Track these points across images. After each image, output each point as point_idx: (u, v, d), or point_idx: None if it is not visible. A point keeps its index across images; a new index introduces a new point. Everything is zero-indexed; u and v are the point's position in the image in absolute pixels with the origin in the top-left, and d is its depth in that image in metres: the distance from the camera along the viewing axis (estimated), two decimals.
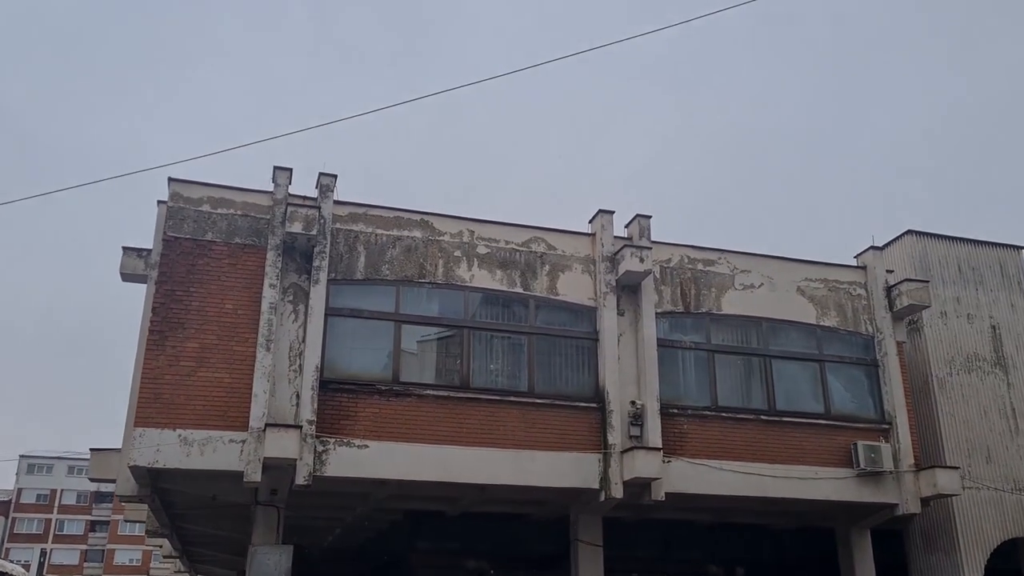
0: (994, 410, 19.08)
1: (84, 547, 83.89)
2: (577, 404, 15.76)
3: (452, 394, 15.23)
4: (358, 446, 14.34)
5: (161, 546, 30.30)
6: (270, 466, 13.74)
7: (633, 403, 15.75)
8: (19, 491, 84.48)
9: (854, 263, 18.73)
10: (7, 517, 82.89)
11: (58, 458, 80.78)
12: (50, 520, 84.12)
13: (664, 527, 18.82)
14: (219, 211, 15.05)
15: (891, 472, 16.78)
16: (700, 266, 17.33)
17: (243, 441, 13.72)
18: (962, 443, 18.58)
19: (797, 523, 18.95)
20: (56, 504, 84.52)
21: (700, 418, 16.37)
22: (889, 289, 18.11)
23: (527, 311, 16.26)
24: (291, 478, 13.96)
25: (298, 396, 14.33)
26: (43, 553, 60.25)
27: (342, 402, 14.61)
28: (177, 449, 13.53)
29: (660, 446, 15.43)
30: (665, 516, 17.97)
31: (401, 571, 19.14)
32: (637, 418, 15.68)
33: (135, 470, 13.80)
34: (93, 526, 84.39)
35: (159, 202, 15.61)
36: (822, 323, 17.74)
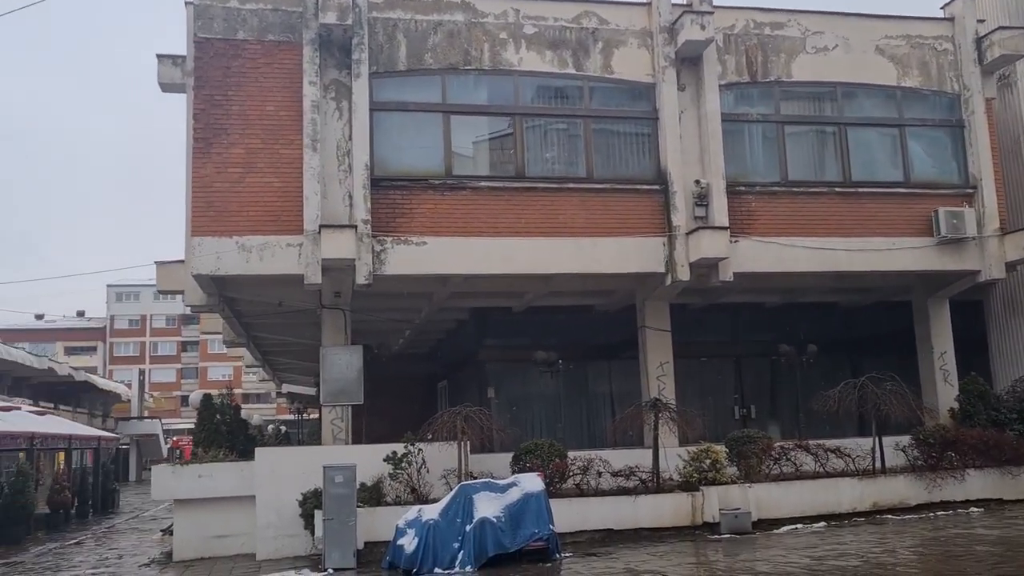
0: None
1: (179, 366, 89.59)
2: (639, 187, 15.11)
3: (508, 185, 14.70)
4: (416, 243, 14.08)
5: (242, 357, 31.71)
6: (329, 267, 13.64)
7: (697, 182, 15.01)
8: (112, 318, 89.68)
9: (940, 15, 17.01)
10: (105, 342, 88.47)
11: (144, 285, 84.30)
12: (144, 343, 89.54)
13: (732, 310, 18.61)
14: (248, 6, 14.17)
15: (974, 238, 15.95)
16: (767, 30, 15.91)
17: (300, 244, 13.57)
18: None
19: (871, 298, 18.50)
20: (148, 328, 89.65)
21: (769, 194, 15.60)
22: (979, 40, 16.47)
23: (581, 93, 15.31)
24: (352, 279, 13.89)
25: (350, 196, 13.98)
26: (141, 373, 64.49)
27: (396, 200, 14.23)
28: (236, 256, 13.47)
29: (727, 225, 14.82)
30: (733, 299, 17.70)
31: (473, 368, 19.52)
32: (702, 198, 14.99)
33: (199, 279, 13.88)
34: (184, 346, 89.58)
35: (186, 2, 14.78)
36: (903, 84, 16.36)
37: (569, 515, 12.94)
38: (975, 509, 14.24)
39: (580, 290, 16.56)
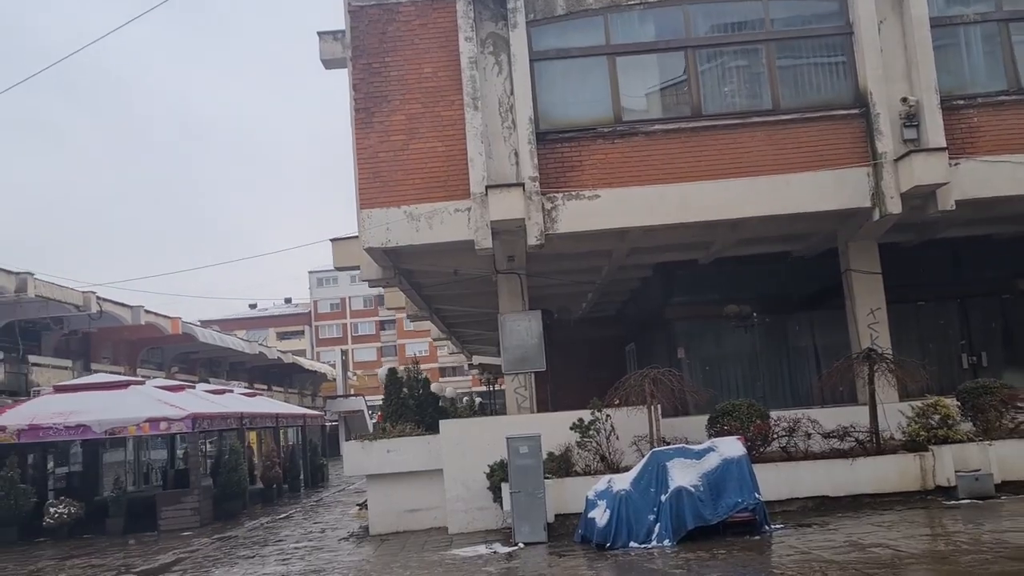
0: None
1: (378, 344, 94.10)
2: (834, 114, 13.40)
3: (684, 125, 13.45)
4: (588, 197, 13.18)
5: (429, 331, 32.18)
6: (499, 230, 13.03)
7: (904, 100, 13.10)
8: (315, 303, 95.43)
9: None
10: (311, 326, 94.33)
11: (340, 269, 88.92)
12: (345, 324, 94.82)
13: (953, 246, 16.44)
14: None
15: None
16: None
17: (468, 209, 13.03)
18: None
19: None
20: (347, 310, 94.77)
21: (995, 106, 13.40)
22: None
23: (761, 16, 13.76)
24: (524, 241, 13.22)
25: (516, 153, 13.28)
26: (344, 353, 68.08)
27: (564, 153, 13.37)
28: (405, 225, 13.13)
29: (944, 146, 12.85)
30: (954, 233, 15.58)
31: (660, 328, 18.46)
32: (911, 118, 13.07)
33: (371, 252, 13.69)
34: (382, 325, 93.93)
35: None
36: None
37: (776, 482, 11.76)
38: None
39: (772, 235, 15.08)
